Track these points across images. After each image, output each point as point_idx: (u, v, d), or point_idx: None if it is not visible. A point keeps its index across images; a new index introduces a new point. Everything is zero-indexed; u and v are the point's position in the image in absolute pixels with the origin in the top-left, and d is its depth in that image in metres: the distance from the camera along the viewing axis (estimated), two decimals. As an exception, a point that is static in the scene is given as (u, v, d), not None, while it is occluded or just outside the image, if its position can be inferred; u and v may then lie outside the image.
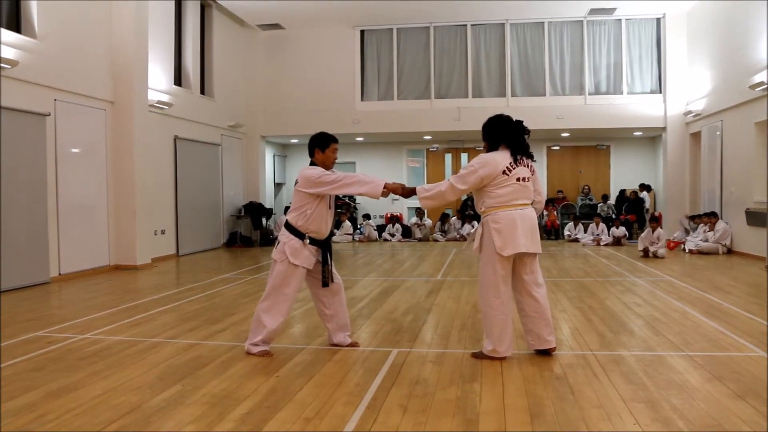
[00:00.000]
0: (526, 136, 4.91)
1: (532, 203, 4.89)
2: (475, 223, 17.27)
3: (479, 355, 4.93)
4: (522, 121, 4.92)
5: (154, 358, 5.09)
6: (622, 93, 16.54)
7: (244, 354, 5.10)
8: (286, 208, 17.07)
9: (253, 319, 5.09)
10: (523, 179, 4.80)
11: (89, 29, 10.90)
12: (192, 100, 14.60)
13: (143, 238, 11.72)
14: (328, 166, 5.05)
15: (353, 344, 5.37)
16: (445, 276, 10.17)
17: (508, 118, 4.95)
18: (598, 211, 17.36)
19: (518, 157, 4.81)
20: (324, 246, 5.08)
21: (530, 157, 4.91)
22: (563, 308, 7.14)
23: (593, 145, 19.02)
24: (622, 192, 17.99)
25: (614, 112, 16.30)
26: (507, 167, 4.74)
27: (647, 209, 17.24)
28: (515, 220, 4.73)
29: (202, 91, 15.43)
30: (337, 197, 9.17)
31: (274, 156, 19.69)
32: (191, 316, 6.91)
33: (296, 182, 5.02)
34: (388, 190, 4.77)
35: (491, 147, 4.92)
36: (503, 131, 4.88)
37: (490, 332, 4.83)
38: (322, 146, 5.05)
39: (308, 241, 4.96)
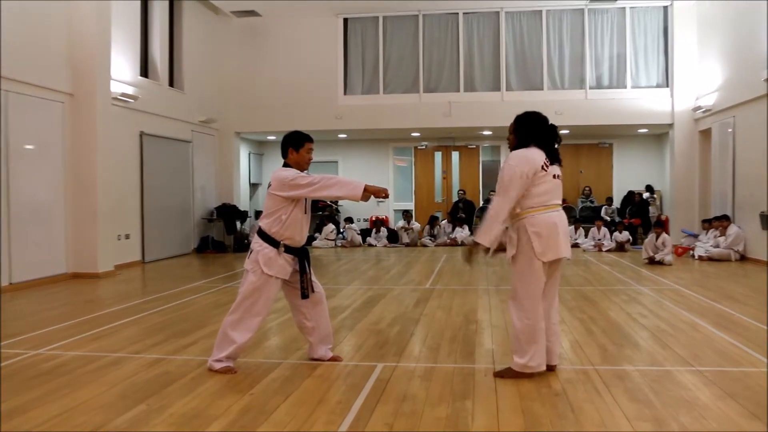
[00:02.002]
0: (556, 144, 4.89)
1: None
2: (467, 227, 17.37)
3: (506, 373, 4.86)
4: (557, 127, 4.92)
5: (116, 375, 5.03)
6: (625, 87, 16.66)
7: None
8: (258, 213, 17.02)
9: (219, 333, 5.06)
10: (557, 176, 4.82)
11: (46, 14, 10.81)
12: (160, 92, 14.53)
13: (105, 244, 11.63)
14: (303, 167, 5.04)
15: (335, 358, 5.35)
16: (434, 284, 10.17)
17: (545, 119, 4.90)
18: (602, 215, 17.44)
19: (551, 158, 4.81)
20: (301, 254, 5.07)
21: (560, 163, 4.90)
22: (562, 319, 7.14)
23: (594, 144, 19.13)
24: (630, 193, 18.09)
25: (617, 107, 16.41)
26: (545, 163, 4.74)
27: (652, 213, 17.37)
28: (556, 224, 4.73)
29: (171, 83, 15.36)
30: (316, 200, 9.16)
31: (249, 154, 19.65)
32: (157, 328, 6.85)
33: (269, 185, 5.01)
34: (370, 193, 4.74)
35: (519, 143, 4.88)
36: (538, 132, 4.84)
37: (526, 347, 4.75)
38: (295, 146, 5.04)
39: (283, 249, 4.95)
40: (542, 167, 4.71)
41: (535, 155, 4.73)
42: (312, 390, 4.60)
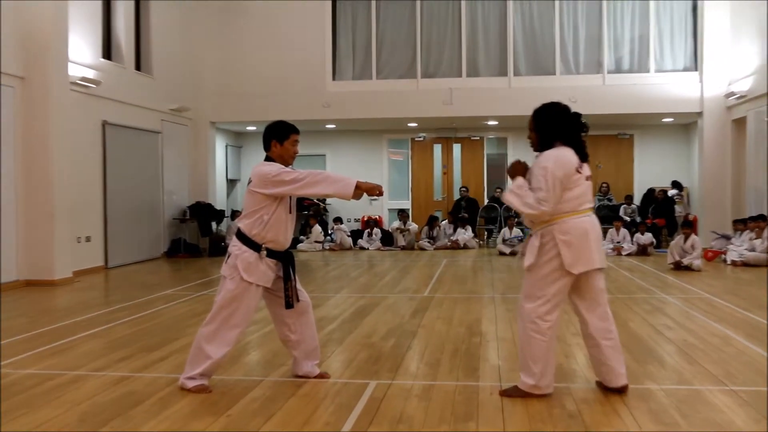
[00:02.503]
0: (583, 133, 4.89)
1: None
2: (469, 228, 17.38)
3: (513, 393, 4.87)
4: (581, 115, 4.89)
5: (75, 395, 5.02)
6: (648, 71, 16.72)
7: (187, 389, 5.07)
8: (235, 213, 17.01)
9: (193, 347, 5.06)
10: (588, 177, 4.83)
11: (-5, -12, 10.79)
12: (125, 77, 14.51)
13: (62, 247, 11.61)
14: (287, 162, 5.05)
15: (322, 375, 5.36)
16: (433, 292, 10.18)
17: (566, 109, 4.88)
18: (621, 215, 17.48)
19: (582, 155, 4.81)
20: (285, 258, 5.08)
21: (587, 158, 4.89)
22: (577, 331, 7.12)
23: (613, 135, 19.16)
24: (651, 191, 18.16)
25: (639, 94, 16.45)
26: (579, 164, 4.75)
27: (680, 212, 17.41)
28: (587, 230, 4.72)
29: (138, 67, 15.34)
30: (302, 198, 9.13)
31: (226, 147, 19.64)
32: (122, 342, 6.84)
33: (249, 182, 5.01)
34: (362, 190, 4.75)
35: (542, 141, 4.87)
36: (562, 125, 4.83)
37: (533, 364, 4.76)
38: (279, 137, 5.04)
39: (265, 253, 4.95)
40: (576, 170, 4.71)
41: (570, 157, 4.73)
42: (297, 410, 4.60)
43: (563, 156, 4.72)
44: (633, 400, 4.75)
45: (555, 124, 4.83)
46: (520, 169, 4.87)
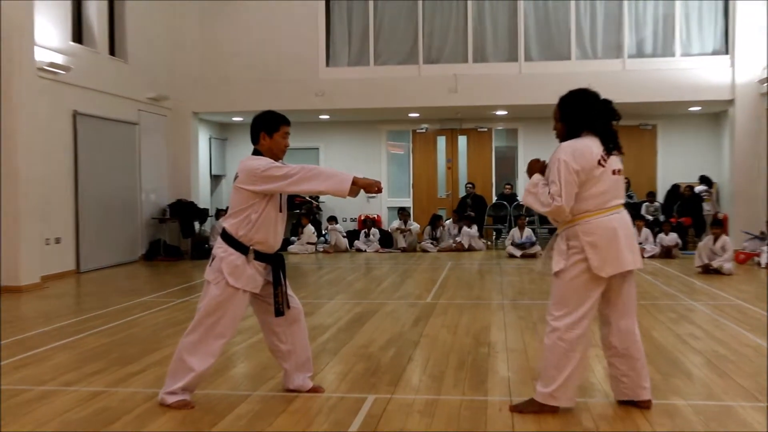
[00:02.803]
0: (614, 123, 4.87)
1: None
2: (476, 227, 17.39)
3: (526, 407, 4.87)
4: (611, 102, 4.88)
5: (44, 412, 5.03)
6: (674, 55, 16.70)
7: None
8: (220, 212, 17.01)
9: (174, 359, 5.07)
10: (618, 171, 4.80)
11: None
12: (98, 62, 14.49)
13: (30, 250, 11.62)
14: (277, 156, 5.06)
15: (316, 389, 5.37)
16: (437, 298, 10.20)
17: (595, 96, 4.86)
18: (643, 213, 17.49)
19: (609, 147, 4.79)
20: (274, 262, 5.09)
21: (620, 150, 4.89)
22: (594, 341, 7.15)
23: (635, 125, 19.11)
24: (675, 187, 18.16)
25: (663, 80, 16.41)
26: (602, 156, 4.70)
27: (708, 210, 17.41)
28: (616, 229, 4.70)
29: (112, 52, 15.32)
30: (293, 195, 9.13)
31: (210, 139, 19.63)
32: (96, 354, 6.84)
33: (235, 177, 5.02)
34: (359, 186, 4.76)
35: (570, 132, 4.85)
36: (590, 113, 4.82)
37: (554, 374, 4.74)
38: (269, 129, 5.05)
39: (253, 255, 4.96)
40: (600, 162, 4.68)
41: (591, 147, 4.70)
42: (287, 428, 4.61)
43: (582, 147, 4.70)
44: (657, 417, 4.76)
45: (583, 113, 4.81)
46: (536, 167, 4.88)
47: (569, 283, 4.74)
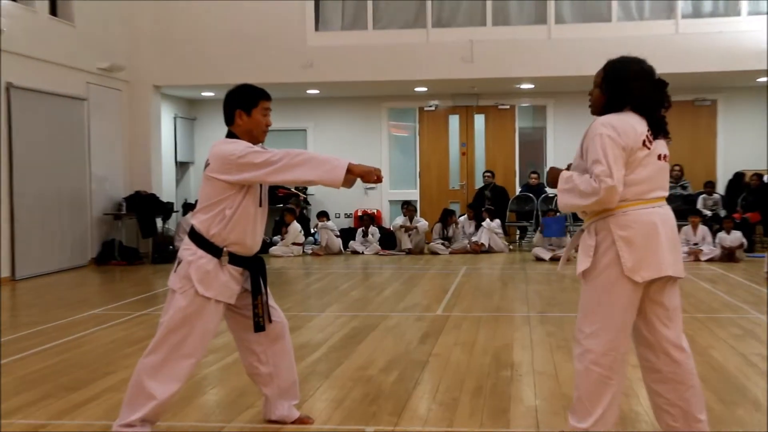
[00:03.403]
0: (664, 110, 4.84)
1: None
2: (498, 221, 17.38)
3: None
4: (667, 84, 4.81)
5: (-25, 447, 5.04)
6: (738, 14, 16.61)
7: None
8: (187, 207, 17.01)
9: (132, 385, 4.99)
10: (664, 157, 4.75)
11: None
12: (36, 25, 14.44)
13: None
14: (256, 138, 5.04)
15: (303, 420, 5.36)
16: (449, 309, 10.20)
17: (651, 72, 4.81)
18: (699, 207, 17.46)
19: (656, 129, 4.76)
20: (253, 266, 5.09)
21: (667, 135, 4.84)
22: (637, 362, 7.16)
23: (689, 101, 19.15)
24: (738, 176, 18.13)
25: (725, 45, 16.30)
26: (647, 137, 4.66)
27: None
28: (656, 225, 4.62)
29: (53, 11, 15.29)
30: (275, 187, 9.12)
31: (175, 119, 19.67)
32: (36, 379, 6.83)
33: (206, 165, 5.00)
34: (354, 175, 4.74)
35: (609, 106, 4.80)
36: (642, 89, 4.79)
37: (589, 406, 4.68)
38: (245, 106, 5.02)
39: (227, 259, 4.95)
40: (644, 143, 4.62)
41: (634, 124, 4.62)
42: (269, 468, 4.62)
43: (626, 121, 4.60)
44: (714, 453, 4.77)
45: (632, 86, 4.72)
46: (558, 172, 4.80)
47: (600, 290, 4.66)
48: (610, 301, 4.61)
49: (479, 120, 19.97)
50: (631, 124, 4.59)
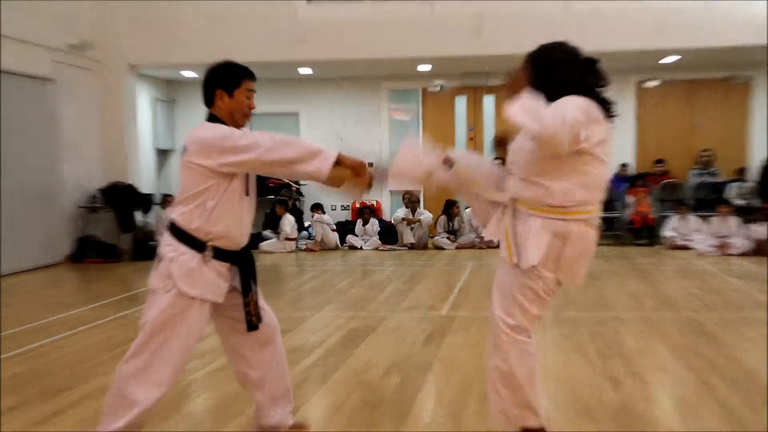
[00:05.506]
0: (600, 89, 4.89)
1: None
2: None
3: None
4: (597, 61, 4.86)
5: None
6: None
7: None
8: (168, 199, 17.03)
9: (112, 391, 5.00)
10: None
11: None
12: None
13: None
14: (238, 122, 5.02)
15: (299, 426, 5.41)
16: (455, 309, 10.27)
17: (576, 52, 4.88)
18: (730, 196, 17.49)
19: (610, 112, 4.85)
20: (241, 261, 5.14)
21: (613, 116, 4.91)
22: (662, 364, 7.27)
23: (720, 79, 19.17)
24: (772, 162, 18.13)
25: (759, 17, 16.35)
26: (608, 127, 4.73)
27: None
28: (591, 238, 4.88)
29: (16, -19, 15.30)
30: (264, 177, 9.18)
31: (155, 102, 19.70)
32: (9, 386, 6.87)
33: (184, 150, 5.02)
34: (346, 166, 4.77)
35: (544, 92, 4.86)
36: (574, 74, 4.84)
37: (531, 397, 4.93)
38: (227, 86, 5.01)
39: (212, 254, 5.01)
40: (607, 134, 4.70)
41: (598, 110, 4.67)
42: (261, 479, 4.69)
43: (593, 104, 4.64)
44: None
45: (562, 72, 4.80)
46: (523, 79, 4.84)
47: (527, 281, 4.91)
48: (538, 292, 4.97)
49: (489, 102, 19.99)
50: (597, 110, 4.63)
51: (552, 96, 4.65)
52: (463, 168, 5.03)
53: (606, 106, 4.70)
